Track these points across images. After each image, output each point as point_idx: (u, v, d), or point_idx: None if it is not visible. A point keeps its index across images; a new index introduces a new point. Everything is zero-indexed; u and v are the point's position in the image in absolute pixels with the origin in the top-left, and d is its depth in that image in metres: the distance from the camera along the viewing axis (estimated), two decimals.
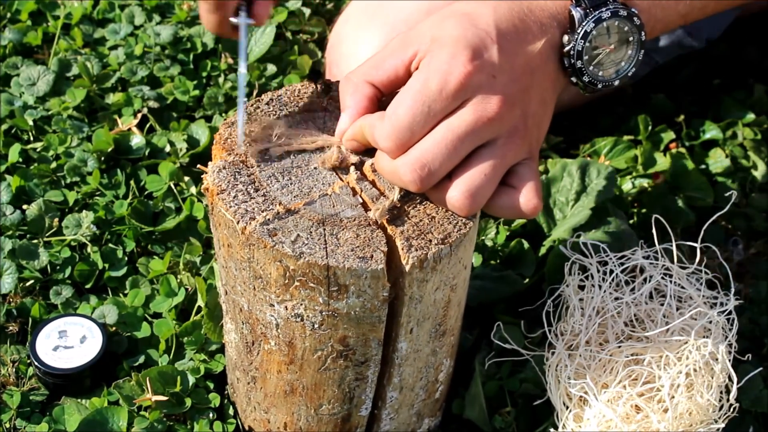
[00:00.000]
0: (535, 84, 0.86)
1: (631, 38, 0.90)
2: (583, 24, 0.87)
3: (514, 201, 0.86)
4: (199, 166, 0.91)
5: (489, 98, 0.82)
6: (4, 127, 1.32)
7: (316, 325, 0.86)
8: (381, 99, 0.88)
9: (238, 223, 0.83)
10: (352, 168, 0.88)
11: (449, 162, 0.83)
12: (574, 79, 0.89)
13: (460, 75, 0.81)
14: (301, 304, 0.85)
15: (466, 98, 0.82)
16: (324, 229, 0.83)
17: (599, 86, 0.90)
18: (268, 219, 0.83)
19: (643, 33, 0.90)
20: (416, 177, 0.83)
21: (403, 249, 0.83)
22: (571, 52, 0.87)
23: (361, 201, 0.86)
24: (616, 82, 0.91)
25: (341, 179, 0.87)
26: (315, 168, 0.88)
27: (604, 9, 0.87)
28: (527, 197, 0.85)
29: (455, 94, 0.82)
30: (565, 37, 0.88)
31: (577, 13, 0.87)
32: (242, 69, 0.93)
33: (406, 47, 0.85)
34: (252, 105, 0.92)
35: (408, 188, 0.85)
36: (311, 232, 0.83)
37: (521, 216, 0.87)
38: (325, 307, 0.84)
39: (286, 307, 0.86)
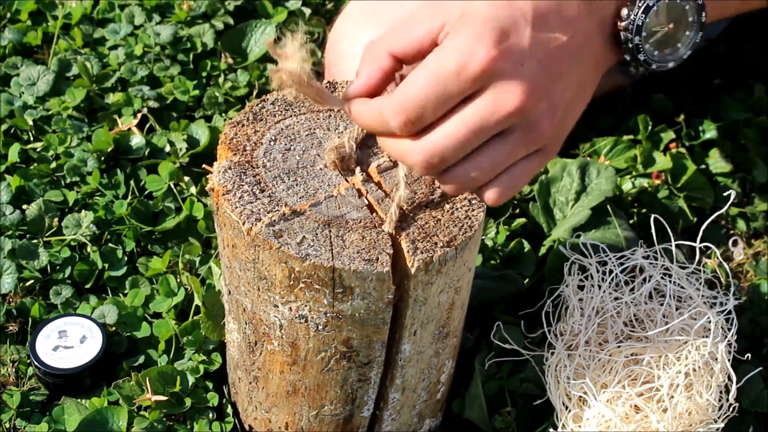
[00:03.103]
0: (573, 69, 0.80)
1: (691, 18, 0.85)
2: None
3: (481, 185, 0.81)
4: (204, 166, 0.90)
5: (511, 88, 0.76)
6: (4, 127, 1.32)
7: (320, 327, 0.86)
8: (400, 70, 0.83)
9: (243, 224, 0.83)
10: (357, 169, 0.88)
11: (461, 153, 0.78)
12: (628, 57, 0.83)
13: (483, 59, 0.75)
14: (306, 306, 0.85)
15: (487, 84, 0.76)
16: (330, 231, 0.83)
17: (653, 66, 0.85)
18: (274, 220, 0.83)
19: (703, 14, 0.85)
20: (427, 165, 0.79)
21: (408, 252, 0.83)
22: (629, 27, 0.81)
23: (366, 203, 0.86)
24: (671, 64, 0.86)
25: (347, 180, 0.87)
26: (321, 169, 0.88)
27: None
28: (494, 192, 0.81)
29: (474, 79, 0.76)
30: (624, 11, 0.82)
31: None
32: None
33: (435, 18, 0.79)
34: (257, 104, 0.92)
35: (413, 170, 0.82)
36: (317, 234, 0.83)
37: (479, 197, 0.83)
38: (330, 308, 0.84)
39: (290, 308, 0.86)
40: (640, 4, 0.81)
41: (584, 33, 0.80)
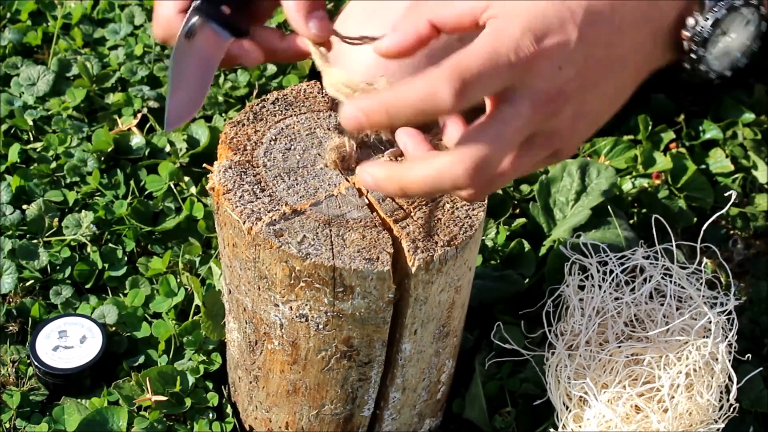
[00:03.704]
0: (610, 79, 0.78)
1: (753, 27, 0.82)
2: (715, 10, 0.78)
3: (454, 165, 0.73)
4: (205, 165, 0.90)
5: (544, 89, 0.73)
6: (4, 127, 1.32)
7: (320, 326, 0.86)
8: (437, 37, 0.80)
9: (244, 223, 0.83)
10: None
11: (503, 157, 0.74)
12: (687, 65, 0.81)
13: (527, 51, 0.72)
14: (306, 305, 0.85)
15: (519, 81, 0.73)
16: (330, 230, 0.83)
17: (711, 75, 0.83)
18: (275, 219, 0.83)
19: (764, 24, 0.82)
20: (474, 174, 0.73)
21: (409, 251, 0.83)
22: (696, 38, 0.79)
23: (367, 202, 0.86)
24: (728, 73, 0.84)
25: (347, 180, 0.87)
26: (321, 168, 0.88)
27: None
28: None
29: (514, 69, 0.72)
30: (690, 20, 0.79)
31: None
32: None
33: None
34: (258, 104, 0.92)
35: (457, 182, 0.75)
36: (317, 233, 0.83)
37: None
38: (330, 308, 0.84)
39: (290, 307, 0.86)
40: (708, 16, 0.78)
41: (633, 42, 0.77)
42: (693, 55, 0.80)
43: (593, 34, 0.74)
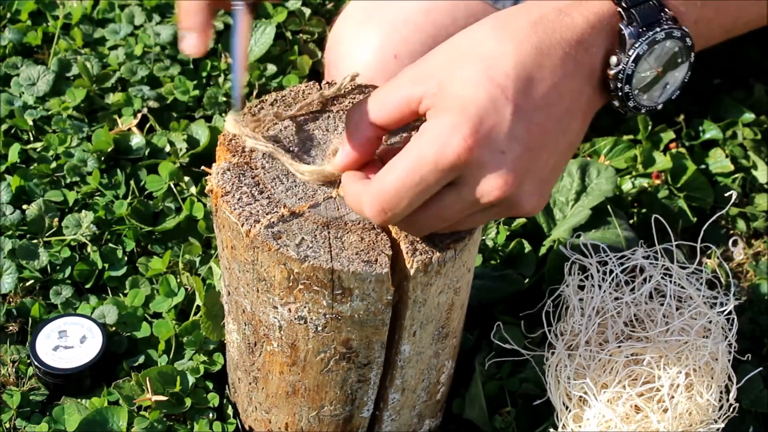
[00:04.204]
0: (559, 137, 0.77)
1: (680, 59, 0.80)
2: (636, 46, 0.76)
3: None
4: (203, 168, 0.90)
5: (492, 179, 0.74)
6: (4, 127, 1.32)
7: (319, 328, 0.86)
8: (386, 134, 0.83)
9: (242, 225, 0.82)
10: None
11: (450, 228, 0.80)
12: (616, 103, 0.79)
13: (458, 149, 0.72)
14: (305, 307, 0.85)
15: (467, 174, 0.74)
16: (329, 232, 0.83)
17: (643, 111, 0.81)
18: (273, 222, 0.83)
19: (692, 54, 0.80)
20: (419, 235, 0.81)
21: (407, 253, 0.82)
22: (620, 76, 0.77)
23: None
24: (660, 106, 0.82)
25: None
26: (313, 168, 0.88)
27: (658, 30, 0.77)
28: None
29: (451, 169, 0.74)
30: (613, 59, 0.77)
31: (628, 33, 0.76)
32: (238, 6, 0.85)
33: (414, 85, 0.76)
34: (256, 105, 0.92)
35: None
36: (316, 235, 0.82)
37: None
38: (329, 310, 0.84)
39: (289, 309, 0.86)
40: (630, 53, 0.76)
41: (571, 92, 0.76)
42: (620, 93, 0.78)
43: (529, 102, 0.74)
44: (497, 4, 1.25)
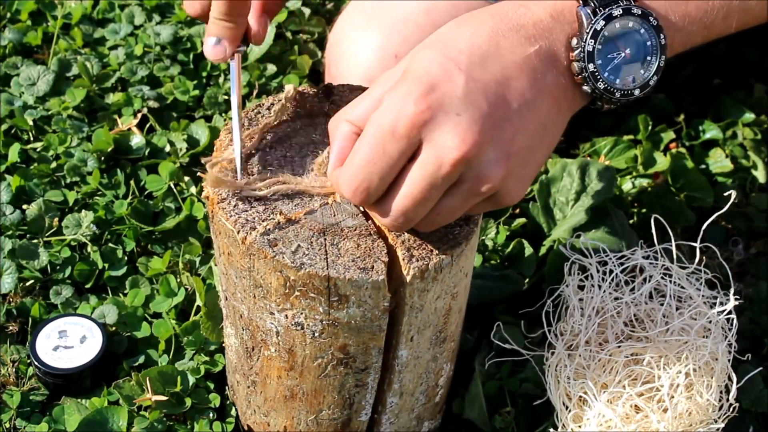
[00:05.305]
0: (524, 112, 0.77)
1: (649, 42, 0.81)
2: (592, 22, 0.79)
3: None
4: (199, 173, 0.90)
5: (449, 139, 0.74)
6: (4, 127, 1.32)
7: (316, 334, 0.86)
8: None
9: (238, 233, 0.82)
10: None
11: (424, 210, 0.78)
12: (587, 88, 0.80)
13: (411, 113, 0.74)
14: (302, 313, 0.84)
15: (424, 139, 0.75)
16: (325, 239, 0.82)
17: (617, 95, 0.81)
18: (269, 229, 0.82)
19: (662, 36, 0.81)
20: (396, 226, 0.80)
21: (404, 259, 0.82)
22: (581, 55, 0.79)
23: (362, 210, 0.85)
24: (637, 92, 0.82)
25: None
26: (316, 176, 0.87)
27: (614, 6, 0.79)
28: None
29: (407, 135, 0.75)
30: (574, 40, 0.79)
31: (584, 13, 0.79)
32: (235, 100, 0.88)
33: (387, 81, 0.79)
34: (253, 110, 0.91)
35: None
36: (312, 242, 0.82)
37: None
38: (326, 316, 0.84)
39: (286, 315, 0.85)
40: (588, 30, 0.79)
41: (533, 71, 0.78)
42: (586, 73, 0.79)
43: (484, 74, 0.76)
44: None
